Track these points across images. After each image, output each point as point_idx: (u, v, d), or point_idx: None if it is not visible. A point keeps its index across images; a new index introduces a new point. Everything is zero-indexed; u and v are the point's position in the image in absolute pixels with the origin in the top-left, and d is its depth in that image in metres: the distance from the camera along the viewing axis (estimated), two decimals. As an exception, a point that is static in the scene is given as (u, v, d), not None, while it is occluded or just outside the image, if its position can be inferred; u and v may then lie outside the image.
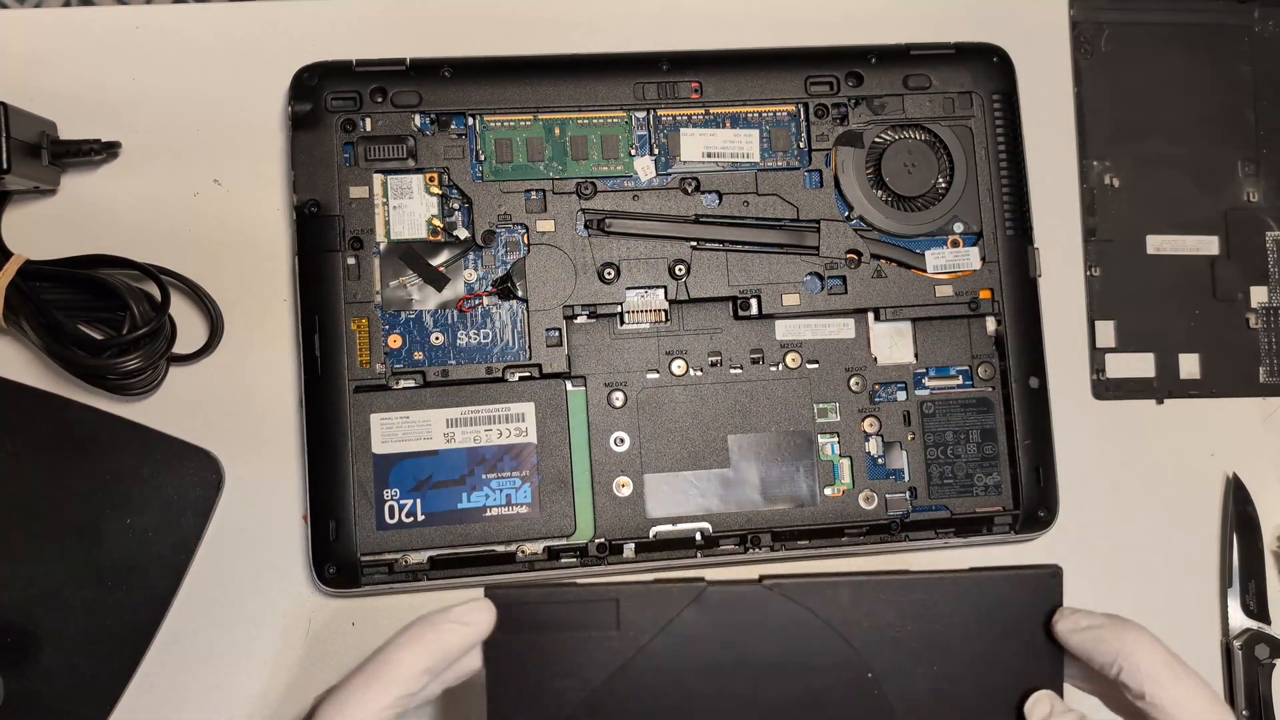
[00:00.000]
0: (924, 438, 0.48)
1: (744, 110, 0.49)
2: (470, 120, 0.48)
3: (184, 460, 0.46)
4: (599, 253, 0.48)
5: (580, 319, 0.48)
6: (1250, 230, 0.53)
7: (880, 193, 0.49)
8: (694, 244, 0.48)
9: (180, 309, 0.48)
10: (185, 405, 0.47)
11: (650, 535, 0.46)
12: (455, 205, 0.47)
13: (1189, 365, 0.52)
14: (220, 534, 0.47)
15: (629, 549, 0.46)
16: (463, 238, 0.47)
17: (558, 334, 0.47)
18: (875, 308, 0.49)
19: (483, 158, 0.48)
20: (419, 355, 0.46)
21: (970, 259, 0.49)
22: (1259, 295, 0.53)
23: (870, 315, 0.49)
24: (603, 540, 0.46)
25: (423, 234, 0.47)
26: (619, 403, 0.47)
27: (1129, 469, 0.51)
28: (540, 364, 0.47)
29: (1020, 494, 0.48)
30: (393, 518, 0.45)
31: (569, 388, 0.47)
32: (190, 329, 0.48)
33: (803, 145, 0.49)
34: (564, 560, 0.46)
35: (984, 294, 0.49)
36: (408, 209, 0.47)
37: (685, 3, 0.52)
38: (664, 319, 0.48)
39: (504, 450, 0.46)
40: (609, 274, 0.48)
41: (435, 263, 0.47)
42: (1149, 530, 0.51)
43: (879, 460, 0.48)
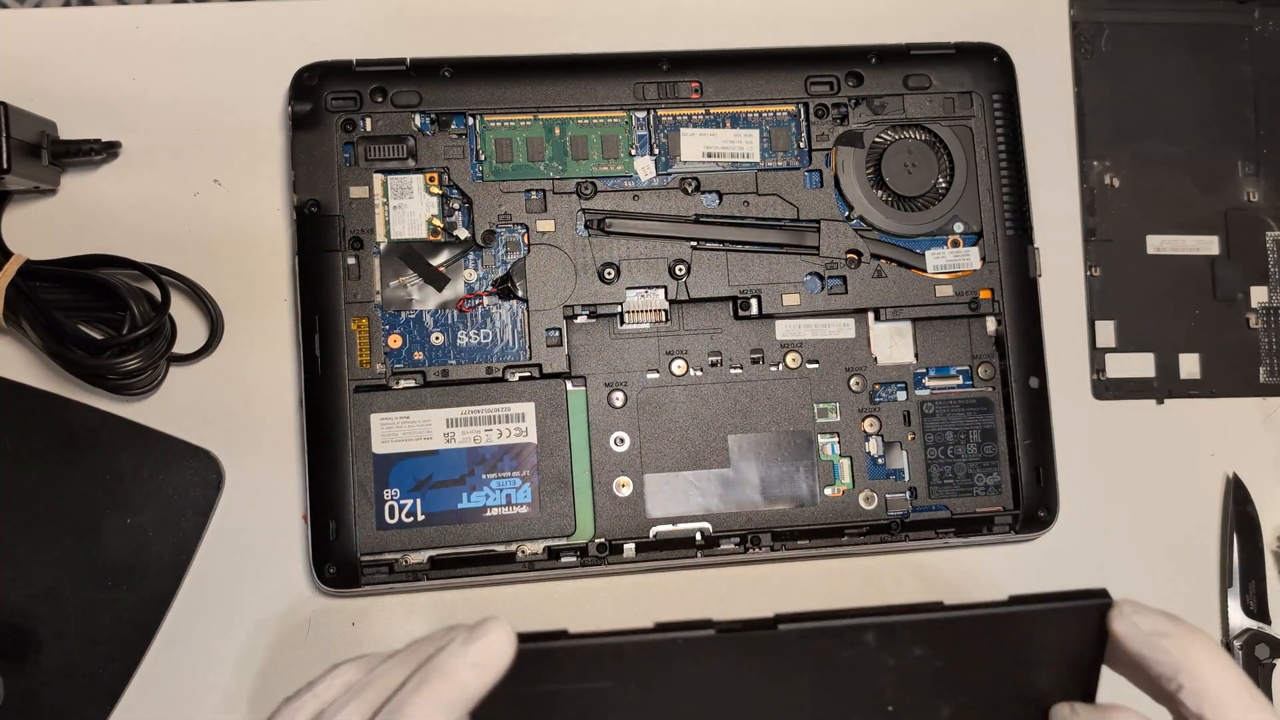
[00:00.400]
0: (924, 438, 0.48)
1: (744, 110, 0.49)
2: (470, 120, 0.48)
3: (184, 460, 0.46)
4: (599, 253, 0.48)
5: (580, 319, 0.48)
6: (1250, 230, 0.53)
7: (880, 193, 0.49)
8: (694, 244, 0.48)
9: (180, 309, 0.48)
10: (185, 405, 0.47)
11: (650, 535, 0.46)
12: (455, 205, 0.47)
13: (1189, 365, 0.52)
14: (220, 534, 0.47)
15: (629, 549, 0.46)
16: (463, 238, 0.47)
17: (558, 334, 0.47)
18: (875, 308, 0.49)
19: (483, 158, 0.48)
20: (419, 355, 0.46)
21: (970, 259, 0.49)
22: (1259, 295, 0.53)
23: (870, 315, 0.49)
24: (603, 540, 0.46)
25: (423, 234, 0.47)
26: (619, 403, 0.47)
27: (1129, 469, 0.51)
28: (540, 364, 0.47)
29: (1020, 494, 0.48)
30: (393, 518, 0.45)
31: (569, 388, 0.47)
32: (190, 329, 0.48)
33: (803, 145, 0.49)
34: (564, 560, 0.46)
35: (984, 294, 0.49)
36: (408, 209, 0.47)
37: (685, 3, 0.52)
38: (664, 319, 0.48)
39: (504, 450, 0.46)
40: (609, 274, 0.48)
41: (435, 263, 0.47)
42: (1149, 530, 0.51)
43: (879, 460, 0.48)
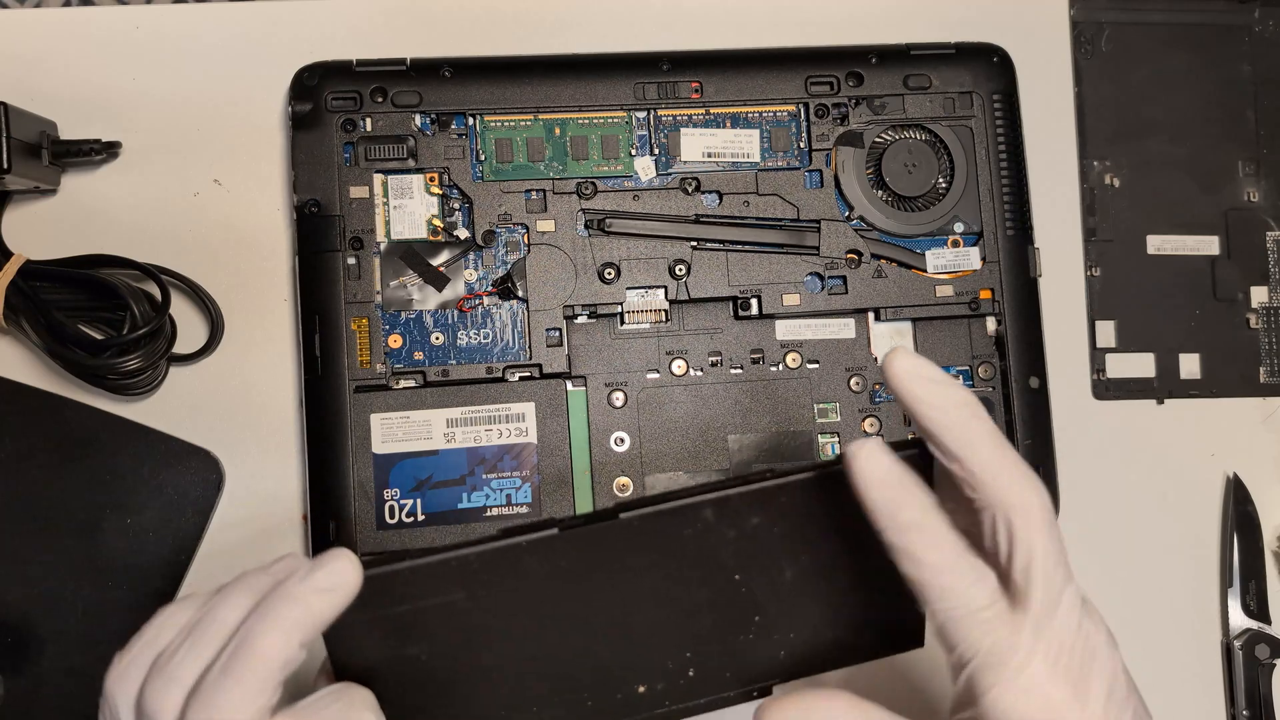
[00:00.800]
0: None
1: (744, 110, 0.49)
2: (470, 120, 0.48)
3: (184, 460, 0.46)
4: (599, 253, 0.48)
5: (580, 319, 0.48)
6: (1250, 230, 0.53)
7: (880, 193, 0.49)
8: (694, 244, 0.48)
9: (180, 309, 0.48)
10: (185, 405, 0.47)
11: (650, 535, 0.46)
12: (455, 205, 0.47)
13: (1189, 365, 0.52)
14: (220, 534, 0.47)
15: (629, 549, 0.46)
16: (463, 238, 0.47)
17: (558, 334, 0.47)
18: (875, 308, 0.49)
19: (483, 158, 0.48)
20: (419, 355, 0.46)
21: (970, 259, 0.49)
22: (1259, 295, 0.53)
23: (870, 315, 0.49)
24: (603, 540, 0.46)
25: (423, 234, 0.47)
26: (619, 403, 0.47)
27: (1129, 469, 0.51)
28: (540, 364, 0.47)
29: (1020, 494, 0.48)
30: (393, 518, 0.45)
31: (569, 388, 0.47)
32: (190, 329, 0.48)
33: (803, 145, 0.49)
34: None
35: (984, 294, 0.49)
36: (408, 209, 0.47)
37: (685, 3, 0.52)
38: (664, 319, 0.48)
39: (504, 450, 0.46)
40: (609, 274, 0.48)
41: (435, 263, 0.47)
42: (1149, 530, 0.51)
43: (879, 460, 0.48)
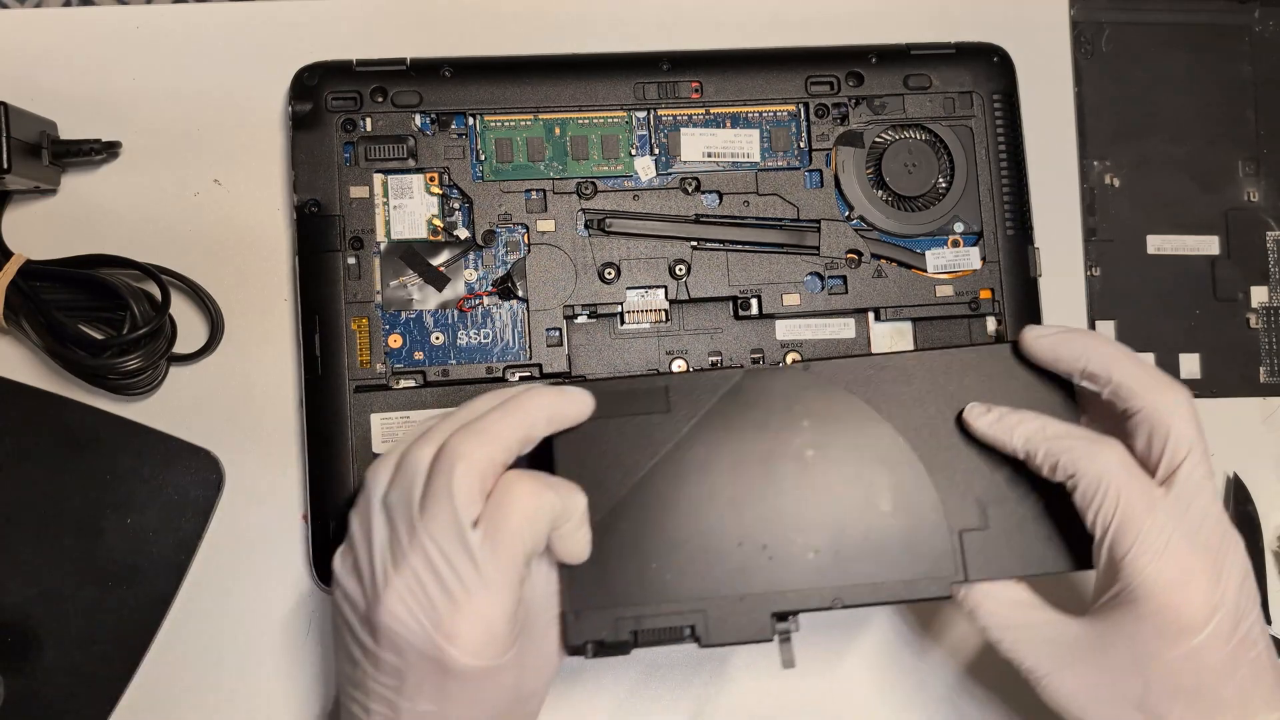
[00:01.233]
0: (924, 437, 0.48)
1: (744, 110, 0.49)
2: (470, 120, 0.48)
3: (184, 460, 0.46)
4: (599, 253, 0.48)
5: (580, 319, 0.48)
6: (1250, 230, 0.53)
7: (880, 193, 0.49)
8: (694, 244, 0.48)
9: (180, 309, 0.48)
10: (185, 405, 0.47)
11: (650, 535, 0.46)
12: (455, 205, 0.47)
13: (1189, 365, 0.52)
14: (220, 534, 0.47)
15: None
16: (463, 238, 0.47)
17: (558, 334, 0.47)
18: (875, 307, 0.49)
19: (483, 158, 0.48)
20: (419, 355, 0.46)
21: (970, 259, 0.49)
22: (1259, 295, 0.53)
23: (870, 315, 0.49)
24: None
25: (423, 234, 0.47)
26: (619, 403, 0.47)
27: (1129, 469, 0.51)
28: (541, 364, 0.47)
29: (1020, 494, 0.48)
30: (393, 518, 0.45)
31: (569, 388, 0.47)
32: (190, 329, 0.48)
33: (803, 145, 0.49)
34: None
35: (984, 294, 0.49)
36: (408, 209, 0.47)
37: (685, 3, 0.52)
38: (664, 319, 0.48)
39: (504, 450, 0.46)
40: (609, 274, 0.48)
41: (435, 263, 0.47)
42: (1149, 530, 0.51)
43: (879, 460, 0.48)
